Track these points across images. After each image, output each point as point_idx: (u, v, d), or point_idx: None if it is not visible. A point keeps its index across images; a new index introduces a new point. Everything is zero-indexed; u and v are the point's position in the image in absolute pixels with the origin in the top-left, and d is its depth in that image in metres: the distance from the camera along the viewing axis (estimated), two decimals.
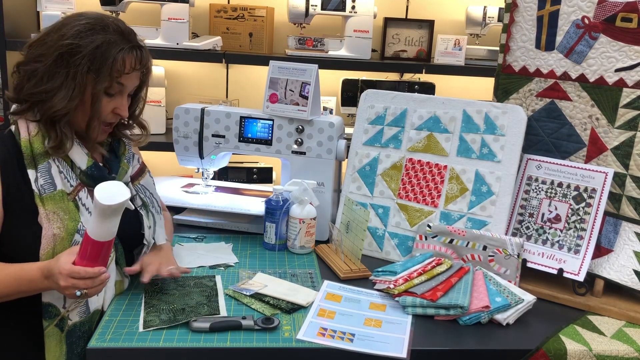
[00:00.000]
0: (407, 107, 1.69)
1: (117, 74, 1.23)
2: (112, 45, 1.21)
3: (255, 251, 1.65)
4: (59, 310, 1.20)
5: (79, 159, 1.26)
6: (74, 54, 1.19)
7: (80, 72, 1.19)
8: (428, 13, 2.78)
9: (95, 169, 1.28)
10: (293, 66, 1.73)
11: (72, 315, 1.21)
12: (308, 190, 1.62)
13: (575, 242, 1.47)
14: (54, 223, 1.19)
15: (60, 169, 1.23)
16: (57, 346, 1.20)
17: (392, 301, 1.37)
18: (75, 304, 1.21)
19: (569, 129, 1.57)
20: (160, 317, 1.22)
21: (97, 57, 1.20)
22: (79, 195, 1.25)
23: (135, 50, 1.26)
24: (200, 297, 1.31)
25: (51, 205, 1.20)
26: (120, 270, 1.32)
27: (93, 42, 1.20)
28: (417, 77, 2.71)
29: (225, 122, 1.76)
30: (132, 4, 2.49)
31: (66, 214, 1.21)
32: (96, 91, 1.21)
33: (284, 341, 1.18)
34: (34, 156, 1.21)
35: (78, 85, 1.20)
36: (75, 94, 1.20)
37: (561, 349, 1.23)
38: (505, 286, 1.37)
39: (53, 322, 1.20)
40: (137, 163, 1.45)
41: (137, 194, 1.40)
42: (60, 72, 1.19)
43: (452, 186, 1.61)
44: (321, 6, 2.51)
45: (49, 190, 1.20)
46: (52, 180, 1.21)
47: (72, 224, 1.21)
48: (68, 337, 1.20)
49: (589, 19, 1.51)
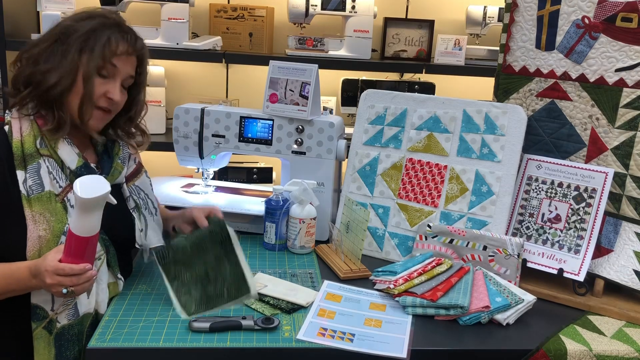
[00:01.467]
0: (407, 107, 1.69)
1: (110, 54, 1.24)
2: (107, 27, 1.25)
3: (255, 251, 1.65)
4: (47, 313, 1.19)
5: (69, 159, 1.25)
6: (69, 34, 1.22)
7: (74, 50, 1.21)
8: (428, 13, 2.78)
9: (85, 169, 1.26)
10: (293, 66, 1.73)
11: (60, 317, 1.20)
12: (308, 190, 1.62)
13: (576, 242, 1.47)
14: (40, 225, 1.18)
15: (49, 170, 1.22)
16: (46, 349, 1.19)
17: (392, 301, 1.37)
18: (64, 306, 1.20)
19: (569, 129, 1.57)
20: (192, 294, 1.24)
21: (91, 37, 1.23)
22: (67, 197, 1.23)
23: (129, 35, 1.29)
24: (214, 247, 1.29)
25: (38, 206, 1.19)
26: (114, 272, 1.30)
27: (89, 24, 1.24)
28: (417, 77, 2.71)
29: (225, 122, 1.76)
30: (132, 4, 2.49)
31: (53, 215, 1.19)
32: (89, 69, 1.22)
33: (284, 341, 1.18)
34: (25, 156, 1.21)
35: (71, 62, 1.21)
36: (69, 72, 1.21)
37: (561, 349, 1.22)
38: (505, 286, 1.37)
39: (41, 325, 1.19)
40: (133, 163, 1.43)
41: (131, 195, 1.38)
42: (57, 53, 1.22)
43: (452, 186, 1.61)
44: (321, 6, 2.51)
45: (36, 192, 1.19)
46: (40, 181, 1.20)
47: (58, 225, 1.19)
48: (57, 339, 1.20)
49: (589, 19, 1.51)
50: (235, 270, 1.26)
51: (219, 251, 1.28)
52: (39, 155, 1.22)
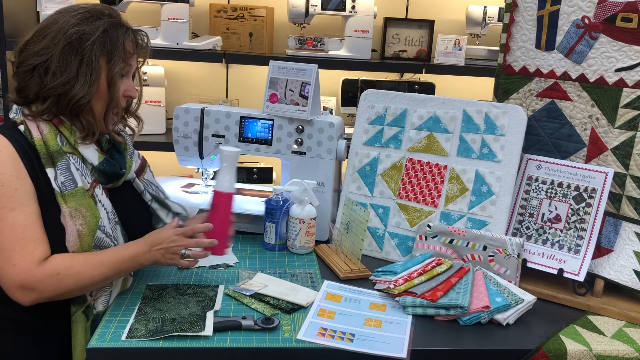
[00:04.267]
0: (407, 107, 1.69)
1: (129, 56, 1.26)
2: (117, 28, 1.25)
3: (255, 251, 1.65)
4: (85, 298, 1.23)
5: (90, 156, 1.26)
6: (83, 41, 1.20)
7: (94, 57, 1.20)
8: (428, 13, 2.77)
9: (107, 165, 1.29)
10: (293, 66, 1.73)
11: (97, 304, 1.24)
12: (308, 190, 1.62)
13: (576, 242, 1.47)
14: (77, 220, 1.20)
15: (76, 166, 1.23)
16: (82, 333, 1.22)
17: (392, 301, 1.37)
18: (101, 292, 1.24)
19: (569, 129, 1.57)
20: (148, 326, 1.19)
21: (107, 41, 1.22)
22: (95, 192, 1.25)
23: (138, 34, 1.31)
24: (195, 307, 1.27)
25: (73, 202, 1.20)
26: None
27: (99, 27, 1.22)
28: (417, 77, 2.71)
29: (225, 122, 1.76)
30: (132, 4, 2.49)
31: (87, 210, 1.22)
32: (113, 74, 1.23)
33: (284, 341, 1.18)
34: (51, 154, 1.20)
35: (95, 70, 1.21)
36: (93, 80, 1.20)
37: (561, 349, 1.22)
38: (505, 286, 1.37)
39: (80, 309, 1.23)
40: (138, 159, 1.46)
41: (145, 189, 1.42)
42: (73, 61, 1.20)
43: (452, 186, 1.61)
44: (321, 6, 2.51)
45: (70, 187, 1.20)
46: (72, 177, 1.21)
47: (93, 220, 1.22)
48: (92, 326, 1.23)
49: (589, 19, 1.51)
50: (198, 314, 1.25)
51: (196, 310, 1.27)
52: (64, 153, 1.22)
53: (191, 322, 1.20)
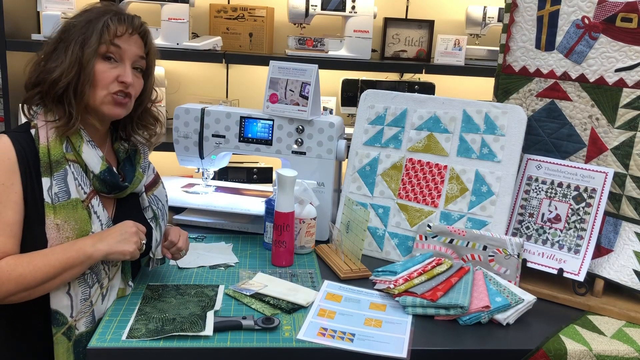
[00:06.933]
0: (407, 107, 1.69)
1: (111, 36, 1.24)
2: (103, 14, 1.25)
3: (255, 251, 1.65)
4: (66, 319, 1.20)
5: (92, 163, 1.25)
6: (69, 30, 1.24)
7: (74, 43, 1.22)
8: (428, 13, 2.78)
9: (108, 174, 1.27)
10: (293, 66, 1.73)
11: (79, 325, 1.21)
12: (308, 190, 1.62)
13: (575, 242, 1.47)
14: (64, 233, 1.18)
15: (75, 175, 1.22)
16: (65, 354, 1.20)
17: (392, 301, 1.37)
18: (82, 313, 1.21)
19: (569, 129, 1.57)
20: (148, 326, 1.18)
21: (89, 27, 1.23)
22: (91, 203, 1.24)
23: (124, 15, 1.29)
24: (196, 307, 1.27)
25: (63, 214, 1.19)
26: (126, 278, 1.32)
27: (86, 17, 1.25)
28: (417, 77, 2.72)
29: (225, 122, 1.76)
30: (132, 4, 2.49)
31: (77, 223, 1.20)
32: (87, 53, 1.22)
33: (284, 341, 1.18)
34: (51, 163, 1.20)
35: (72, 54, 1.21)
36: (71, 64, 1.21)
37: (561, 349, 1.23)
38: (505, 286, 1.37)
39: (61, 330, 1.19)
40: (151, 173, 1.44)
41: (150, 205, 1.39)
42: (60, 50, 1.23)
43: (452, 186, 1.61)
44: (321, 6, 2.51)
45: (62, 199, 1.19)
46: (67, 188, 1.20)
47: (82, 233, 1.20)
48: (75, 346, 1.20)
49: (589, 19, 1.51)
50: (199, 314, 1.25)
51: (196, 310, 1.27)
52: (65, 162, 1.21)
53: (191, 322, 1.20)
